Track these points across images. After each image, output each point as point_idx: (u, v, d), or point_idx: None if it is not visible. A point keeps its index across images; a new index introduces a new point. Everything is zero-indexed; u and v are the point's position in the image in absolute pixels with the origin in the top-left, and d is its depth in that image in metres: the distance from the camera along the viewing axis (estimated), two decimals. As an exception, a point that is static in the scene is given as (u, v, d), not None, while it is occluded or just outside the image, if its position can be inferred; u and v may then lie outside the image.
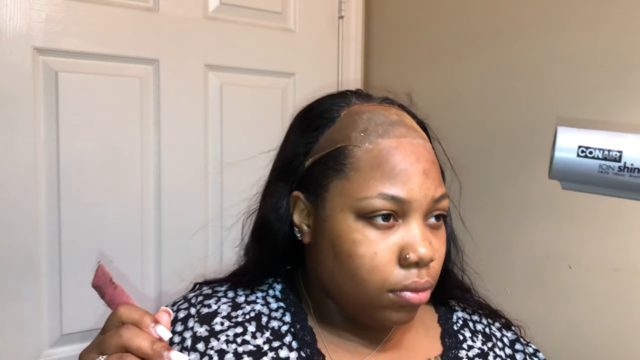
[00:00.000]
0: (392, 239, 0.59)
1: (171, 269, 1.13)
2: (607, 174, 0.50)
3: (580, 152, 0.51)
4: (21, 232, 0.98)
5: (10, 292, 0.98)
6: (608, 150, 0.50)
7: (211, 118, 1.18)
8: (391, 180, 0.59)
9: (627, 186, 0.51)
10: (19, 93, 0.97)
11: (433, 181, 0.61)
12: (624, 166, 0.50)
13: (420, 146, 0.62)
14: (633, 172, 0.50)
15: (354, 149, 0.62)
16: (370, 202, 0.59)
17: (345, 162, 0.62)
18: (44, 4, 0.98)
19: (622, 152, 0.50)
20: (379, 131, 0.62)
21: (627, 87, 0.90)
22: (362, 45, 1.41)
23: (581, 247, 0.97)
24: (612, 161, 0.50)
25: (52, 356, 1.03)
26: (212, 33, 1.17)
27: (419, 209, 0.60)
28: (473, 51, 1.16)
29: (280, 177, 0.68)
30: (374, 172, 0.60)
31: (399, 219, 0.60)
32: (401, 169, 0.59)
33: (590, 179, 0.51)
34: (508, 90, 1.09)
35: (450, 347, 0.69)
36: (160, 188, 1.12)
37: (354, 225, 0.59)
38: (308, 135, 0.66)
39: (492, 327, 0.75)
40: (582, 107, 0.97)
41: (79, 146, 1.03)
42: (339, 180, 0.61)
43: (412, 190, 0.59)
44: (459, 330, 0.72)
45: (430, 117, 1.36)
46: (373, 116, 0.64)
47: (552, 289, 1.01)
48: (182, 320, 0.66)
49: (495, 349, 0.71)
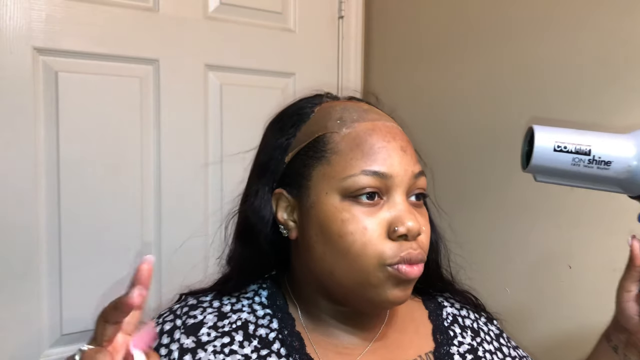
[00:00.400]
0: (379, 215, 0.60)
1: (171, 269, 1.13)
2: (579, 166, 0.58)
3: (557, 147, 0.58)
4: (21, 232, 0.98)
5: (10, 292, 0.98)
6: (579, 145, 0.57)
7: (211, 118, 1.18)
8: (372, 157, 0.61)
9: (595, 178, 0.58)
10: (19, 93, 0.97)
11: (411, 157, 0.63)
12: (593, 159, 0.57)
13: (394, 128, 0.65)
14: (600, 165, 0.57)
15: (332, 135, 0.64)
16: (355, 180, 0.60)
17: (325, 148, 0.63)
18: (44, 4, 0.98)
19: (591, 147, 0.57)
20: (354, 117, 0.65)
21: (627, 87, 0.90)
22: (362, 45, 1.41)
23: (581, 247, 0.97)
24: (583, 155, 0.57)
25: (52, 356, 1.03)
26: (212, 33, 1.17)
27: (401, 184, 0.61)
28: (473, 51, 1.16)
29: (260, 178, 0.69)
30: (354, 153, 0.61)
31: (383, 197, 0.61)
32: (380, 146, 0.61)
33: (564, 172, 0.59)
34: (508, 90, 1.09)
35: (441, 344, 0.70)
36: (160, 187, 1.12)
37: (341, 205, 0.60)
38: (284, 134, 0.68)
39: (479, 322, 0.76)
40: (582, 107, 0.97)
41: (79, 146, 1.03)
42: (321, 166, 0.63)
43: (393, 165, 0.61)
44: (449, 327, 0.73)
45: (430, 117, 1.37)
46: (346, 106, 0.67)
47: (552, 289, 1.01)
48: (167, 333, 0.65)
49: (483, 344, 0.73)
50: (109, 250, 1.06)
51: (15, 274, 0.98)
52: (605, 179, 0.58)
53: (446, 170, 1.21)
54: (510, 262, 1.09)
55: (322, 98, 0.71)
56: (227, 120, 1.20)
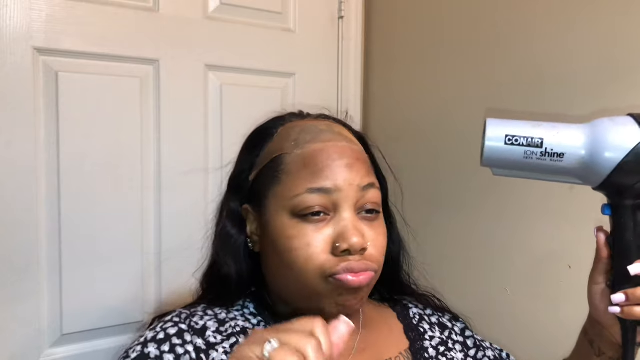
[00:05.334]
0: (324, 232, 0.63)
1: (171, 269, 1.13)
2: (532, 159, 0.56)
3: (507, 141, 0.56)
4: (21, 232, 0.98)
5: (11, 292, 0.98)
6: (531, 137, 0.56)
7: (211, 118, 1.18)
8: (317, 175, 0.63)
9: (549, 170, 0.57)
10: (19, 93, 0.97)
11: (358, 173, 0.65)
12: (545, 151, 0.55)
13: (345, 147, 0.67)
14: (553, 157, 0.56)
15: (285, 156, 0.67)
16: (301, 199, 0.63)
17: (279, 169, 0.67)
18: (44, 4, 0.98)
19: (543, 139, 0.56)
20: (307, 138, 0.68)
21: (627, 86, 0.90)
22: (362, 45, 1.41)
23: (581, 247, 0.97)
24: (535, 147, 0.56)
25: (52, 356, 1.03)
26: (212, 33, 1.17)
27: (348, 199, 0.63)
28: (473, 51, 1.16)
29: (232, 193, 0.74)
30: (301, 173, 0.64)
31: (329, 213, 0.64)
32: (325, 165, 0.64)
33: (518, 164, 0.57)
34: (509, 89, 1.09)
35: (415, 340, 0.74)
36: (160, 188, 1.12)
37: (289, 223, 0.64)
38: (251, 153, 0.73)
39: (444, 318, 0.81)
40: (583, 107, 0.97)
41: (79, 146, 1.03)
42: (275, 186, 0.66)
43: (337, 181, 0.63)
44: (418, 324, 0.77)
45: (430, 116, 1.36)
46: (305, 128, 0.70)
47: (552, 289, 1.01)
48: (177, 335, 0.64)
49: (452, 336, 0.78)
50: (109, 250, 1.06)
51: (15, 274, 0.98)
52: (561, 170, 0.57)
53: (447, 169, 1.21)
54: (510, 262, 1.09)
55: (289, 117, 0.75)
56: (227, 120, 1.20)
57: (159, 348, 0.62)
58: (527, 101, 1.06)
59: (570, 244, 0.98)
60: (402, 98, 1.34)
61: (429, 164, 0.96)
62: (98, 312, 1.06)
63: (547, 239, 1.02)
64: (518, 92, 1.07)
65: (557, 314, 1.00)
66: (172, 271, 1.13)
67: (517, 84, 1.07)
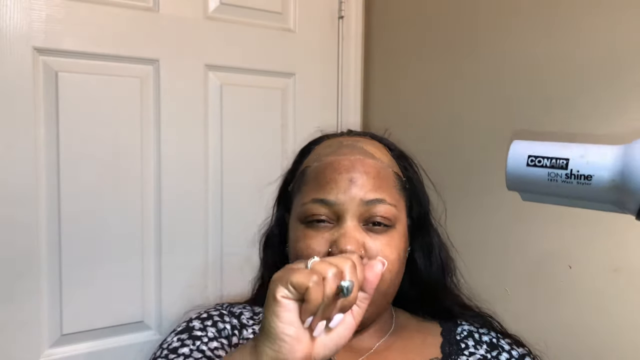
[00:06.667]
0: (325, 236, 0.69)
1: (171, 268, 1.13)
2: (556, 181, 0.52)
3: (530, 162, 0.53)
4: (21, 231, 0.98)
5: (10, 292, 0.98)
6: (555, 158, 0.51)
7: (211, 118, 1.18)
8: (322, 188, 0.70)
9: (578, 194, 0.51)
10: (19, 93, 0.97)
11: (362, 187, 0.69)
12: (571, 173, 0.51)
13: (357, 161, 0.71)
14: (580, 179, 0.50)
15: (307, 169, 0.75)
16: (307, 207, 0.70)
17: (302, 181, 0.75)
18: (44, 4, 0.98)
19: (568, 160, 0.51)
20: (327, 152, 0.74)
21: (628, 88, 0.90)
22: (362, 45, 1.41)
23: (581, 247, 0.97)
24: (559, 169, 0.51)
25: (52, 356, 1.03)
26: (212, 33, 1.17)
27: (349, 212, 0.68)
28: (473, 50, 1.16)
29: (279, 203, 0.84)
30: (311, 184, 0.72)
31: (332, 222, 0.70)
32: (330, 178, 0.70)
33: (542, 187, 0.53)
34: (510, 89, 1.09)
35: (449, 354, 0.73)
36: (160, 188, 1.12)
37: (298, 228, 0.72)
38: (295, 167, 0.81)
39: (501, 341, 0.79)
40: (585, 106, 0.97)
41: (79, 146, 1.03)
42: (296, 197, 0.75)
43: (338, 194, 0.69)
44: (462, 340, 0.76)
45: (430, 116, 1.37)
46: (331, 143, 0.77)
47: (552, 289, 1.01)
48: (218, 315, 0.76)
49: (500, 357, 0.75)
50: (109, 250, 1.06)
51: (15, 274, 0.98)
52: (591, 195, 0.51)
53: (447, 169, 1.21)
54: (510, 262, 1.09)
55: (332, 135, 0.82)
56: (227, 120, 1.20)
57: (203, 323, 0.75)
58: (528, 101, 1.06)
59: (570, 244, 0.98)
60: (402, 98, 1.34)
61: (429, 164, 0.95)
62: (98, 312, 1.06)
63: (547, 239, 1.02)
64: (520, 92, 1.07)
65: (557, 314, 1.00)
66: (172, 271, 1.13)
67: (520, 83, 1.07)
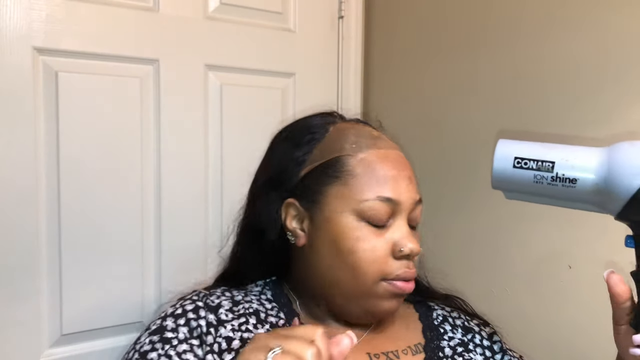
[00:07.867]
0: (386, 236, 0.69)
1: (171, 268, 1.13)
2: (542, 183, 0.52)
3: (516, 163, 0.54)
4: (21, 231, 0.98)
5: (10, 292, 0.97)
6: (541, 161, 0.52)
7: (211, 118, 1.18)
8: (385, 185, 0.69)
9: (562, 196, 0.52)
10: (19, 93, 0.97)
11: (414, 186, 0.72)
12: (556, 176, 0.51)
13: (401, 157, 0.74)
14: (565, 182, 0.51)
15: (348, 158, 0.71)
16: (370, 205, 0.68)
17: (342, 169, 0.70)
18: (44, 4, 0.98)
19: (554, 163, 0.51)
20: (368, 143, 0.72)
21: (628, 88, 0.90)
22: (362, 45, 1.41)
23: (581, 247, 0.97)
24: (545, 171, 0.52)
25: (52, 356, 1.03)
26: (212, 33, 1.17)
27: (405, 210, 0.70)
28: (473, 51, 1.16)
29: (271, 186, 0.76)
30: (369, 179, 0.69)
31: (389, 220, 0.69)
32: (392, 175, 0.70)
33: (528, 188, 0.54)
34: (510, 89, 1.09)
35: (431, 339, 0.76)
36: (160, 188, 1.12)
37: (355, 225, 0.68)
38: (300, 148, 0.74)
39: (471, 323, 0.82)
40: (584, 106, 0.97)
41: (79, 146, 1.03)
42: (337, 186, 0.70)
43: (401, 193, 0.69)
44: (440, 325, 0.79)
45: (431, 116, 1.37)
46: (358, 131, 0.74)
47: (552, 289, 1.01)
48: (192, 311, 0.71)
49: (474, 339, 0.79)
50: (109, 250, 1.06)
51: (15, 274, 0.98)
52: (575, 197, 0.52)
53: (447, 169, 1.21)
54: (510, 262, 1.09)
55: (335, 117, 0.78)
56: (227, 120, 1.20)
57: (176, 322, 0.70)
58: (529, 101, 1.06)
59: (570, 244, 0.98)
60: (402, 98, 1.34)
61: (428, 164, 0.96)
62: (98, 312, 1.06)
63: (547, 239, 1.02)
64: (521, 92, 1.07)
65: (557, 314, 1.00)
66: (172, 270, 1.13)
67: (520, 85, 1.07)
